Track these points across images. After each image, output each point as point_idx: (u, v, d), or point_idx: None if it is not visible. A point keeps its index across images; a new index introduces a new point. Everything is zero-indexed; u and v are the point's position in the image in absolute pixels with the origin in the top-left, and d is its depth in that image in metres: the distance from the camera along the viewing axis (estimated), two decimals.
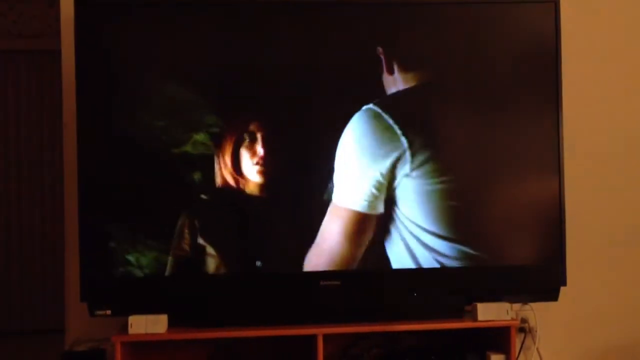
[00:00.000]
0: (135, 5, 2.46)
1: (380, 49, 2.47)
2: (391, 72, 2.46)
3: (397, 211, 2.43)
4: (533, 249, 2.55)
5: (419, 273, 2.48)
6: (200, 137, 2.42)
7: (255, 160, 2.40)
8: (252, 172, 2.41)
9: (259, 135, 2.41)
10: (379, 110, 2.44)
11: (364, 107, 2.44)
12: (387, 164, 2.42)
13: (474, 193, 2.52)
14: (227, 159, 2.42)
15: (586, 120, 2.89)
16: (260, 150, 2.41)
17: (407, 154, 2.43)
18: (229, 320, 2.45)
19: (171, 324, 2.42)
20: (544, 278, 2.55)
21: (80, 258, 2.42)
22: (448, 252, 2.47)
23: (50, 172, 5.08)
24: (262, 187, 2.44)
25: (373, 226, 2.43)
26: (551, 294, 2.56)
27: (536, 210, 2.54)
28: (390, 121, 2.42)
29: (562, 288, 2.55)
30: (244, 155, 2.41)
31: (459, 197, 2.49)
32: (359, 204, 2.42)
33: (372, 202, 2.42)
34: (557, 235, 2.54)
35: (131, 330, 2.36)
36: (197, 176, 2.42)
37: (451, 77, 2.53)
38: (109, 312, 2.40)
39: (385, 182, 2.43)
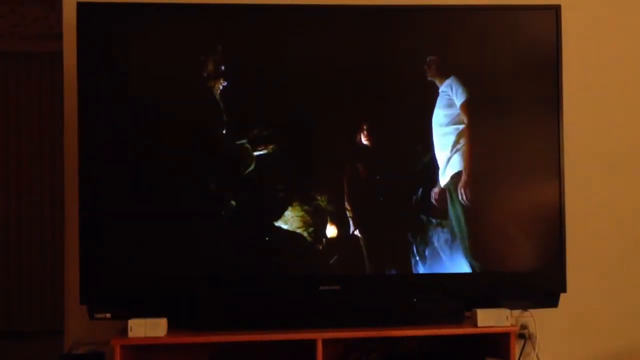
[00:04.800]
0: (137, 8, 2.47)
1: None
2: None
3: None
4: (533, 255, 2.55)
5: (418, 278, 2.49)
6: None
7: None
8: None
9: None
10: None
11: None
12: None
13: (474, 197, 2.52)
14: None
15: (587, 126, 2.89)
16: None
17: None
18: (228, 324, 2.45)
19: (171, 328, 2.42)
20: (543, 284, 2.55)
21: (80, 260, 2.42)
22: None
23: (51, 173, 5.07)
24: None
25: None
26: (551, 300, 2.56)
27: (536, 216, 2.54)
28: None
29: (561, 294, 2.55)
30: None
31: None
32: None
33: None
34: (557, 241, 2.54)
35: (131, 334, 2.35)
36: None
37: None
38: (108, 315, 2.40)
39: None
